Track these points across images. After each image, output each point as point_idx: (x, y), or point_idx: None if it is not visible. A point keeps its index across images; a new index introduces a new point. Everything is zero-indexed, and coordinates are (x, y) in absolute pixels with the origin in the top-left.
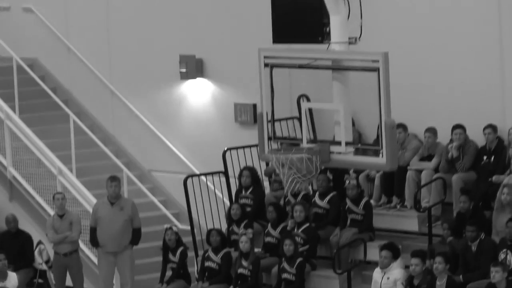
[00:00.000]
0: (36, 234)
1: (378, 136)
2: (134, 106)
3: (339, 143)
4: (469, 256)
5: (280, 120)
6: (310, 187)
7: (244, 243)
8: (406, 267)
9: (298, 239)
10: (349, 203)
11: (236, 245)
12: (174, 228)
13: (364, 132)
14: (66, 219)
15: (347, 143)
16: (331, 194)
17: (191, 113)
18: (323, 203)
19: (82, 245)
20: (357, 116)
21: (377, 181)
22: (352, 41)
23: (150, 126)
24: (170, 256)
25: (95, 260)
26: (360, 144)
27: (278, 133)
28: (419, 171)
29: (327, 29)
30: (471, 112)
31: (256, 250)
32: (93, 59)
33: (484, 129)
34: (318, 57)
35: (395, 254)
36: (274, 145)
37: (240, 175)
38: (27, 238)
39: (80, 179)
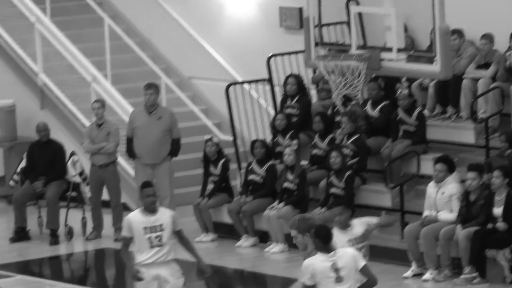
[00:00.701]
0: (69, 145)
1: (431, 42)
2: (172, 9)
3: (390, 50)
4: None
5: (327, 24)
6: (360, 96)
7: (288, 156)
8: (462, 181)
9: (347, 151)
10: (401, 113)
11: (281, 157)
12: (215, 139)
13: (417, 38)
14: (104, 129)
15: (399, 50)
16: (383, 103)
17: (233, 17)
18: (374, 112)
19: (120, 158)
20: (410, 21)
21: (431, 90)
22: None
23: (190, 31)
24: (211, 168)
25: (132, 173)
26: (412, 50)
27: (326, 39)
28: (476, 80)
29: None
30: None
31: (302, 162)
32: None
33: None
34: None
35: (451, 167)
36: (322, 51)
37: (285, 83)
38: (58, 147)
39: (116, 87)
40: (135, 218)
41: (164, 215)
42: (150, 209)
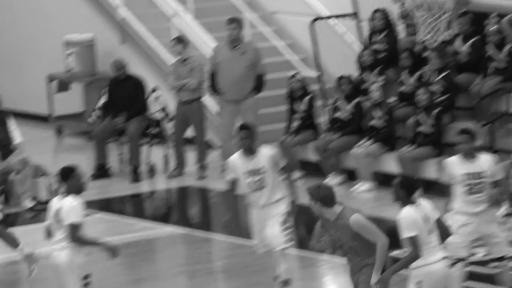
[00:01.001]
0: (150, 80)
1: None
2: None
3: None
4: None
5: None
6: (448, 32)
7: (374, 92)
8: None
9: (436, 87)
10: (491, 49)
11: (368, 94)
12: (299, 76)
13: None
14: (188, 65)
15: None
16: (474, 39)
17: None
18: (465, 47)
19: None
20: None
21: None
22: None
23: None
24: (296, 105)
25: (217, 109)
26: None
27: None
28: None
29: None
30: None
31: (390, 99)
32: None
33: None
34: None
35: None
36: None
37: (372, 18)
38: (138, 83)
39: (198, 21)
40: (237, 161)
41: (263, 157)
42: (247, 151)
